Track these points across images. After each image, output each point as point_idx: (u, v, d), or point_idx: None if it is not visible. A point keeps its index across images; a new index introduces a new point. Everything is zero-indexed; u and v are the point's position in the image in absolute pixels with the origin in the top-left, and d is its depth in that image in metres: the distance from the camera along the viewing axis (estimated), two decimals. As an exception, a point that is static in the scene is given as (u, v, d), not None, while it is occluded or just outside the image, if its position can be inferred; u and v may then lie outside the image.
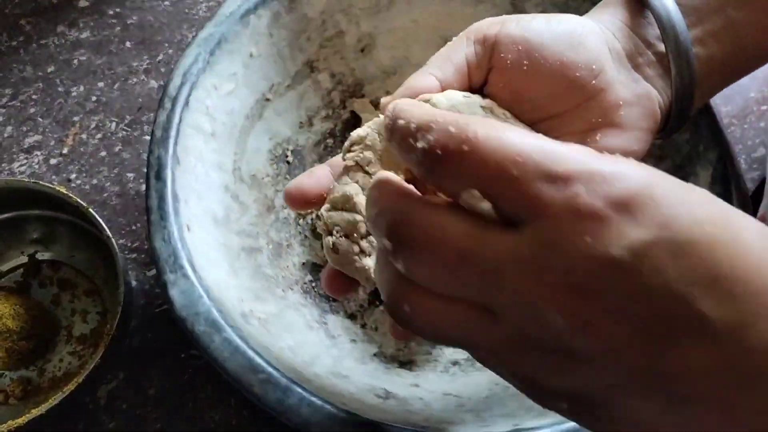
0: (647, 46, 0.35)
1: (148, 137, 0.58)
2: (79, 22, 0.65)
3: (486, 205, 0.20)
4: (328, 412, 0.37)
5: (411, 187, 0.23)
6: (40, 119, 0.60)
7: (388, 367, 0.47)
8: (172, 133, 0.45)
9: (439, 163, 0.21)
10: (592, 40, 0.33)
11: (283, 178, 0.53)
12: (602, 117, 0.33)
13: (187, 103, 0.46)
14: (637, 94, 0.34)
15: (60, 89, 0.61)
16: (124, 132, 0.59)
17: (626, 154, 0.26)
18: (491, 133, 0.20)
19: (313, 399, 0.37)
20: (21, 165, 0.58)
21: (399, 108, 0.23)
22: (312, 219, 0.54)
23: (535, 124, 0.34)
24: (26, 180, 0.49)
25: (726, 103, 0.61)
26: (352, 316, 0.50)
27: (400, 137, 0.22)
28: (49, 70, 0.62)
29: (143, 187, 0.52)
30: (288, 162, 0.54)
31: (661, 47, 0.34)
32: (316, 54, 0.54)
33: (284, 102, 0.53)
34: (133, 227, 0.55)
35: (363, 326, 0.50)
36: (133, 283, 0.53)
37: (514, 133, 0.20)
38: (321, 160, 0.55)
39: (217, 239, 0.46)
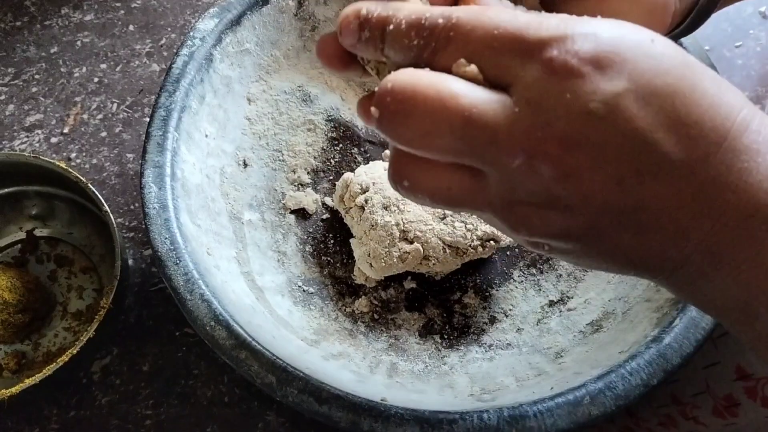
0: None
1: (148, 119, 0.59)
2: (84, 4, 0.65)
3: (473, 68, 0.22)
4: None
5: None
6: (42, 99, 0.61)
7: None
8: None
9: (432, 51, 0.23)
10: None
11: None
12: (622, 4, 0.31)
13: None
14: None
15: (63, 70, 0.62)
16: (124, 113, 0.60)
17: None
18: (471, 14, 0.22)
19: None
20: (21, 143, 0.59)
21: (387, 12, 0.24)
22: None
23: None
24: (27, 155, 0.49)
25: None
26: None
27: (393, 38, 0.24)
28: (52, 50, 0.63)
29: (140, 166, 0.53)
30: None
31: None
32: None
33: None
34: (132, 207, 0.56)
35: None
36: (130, 261, 0.53)
37: (491, 11, 0.22)
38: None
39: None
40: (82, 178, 0.48)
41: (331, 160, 0.56)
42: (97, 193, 0.47)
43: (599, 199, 0.21)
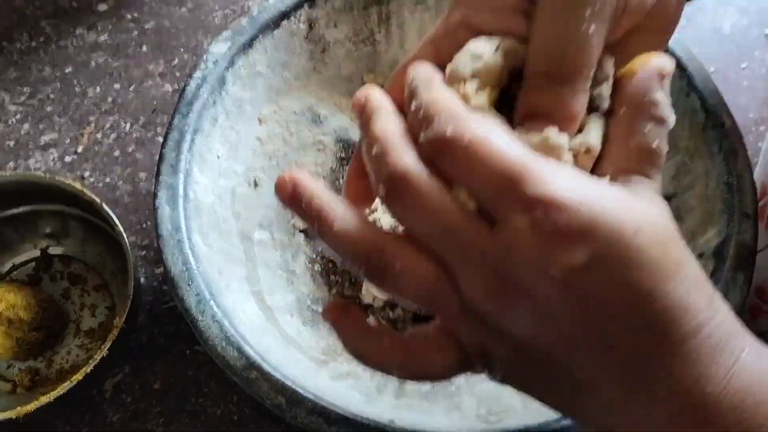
0: None
1: (161, 138, 0.60)
2: (98, 25, 0.66)
3: (472, 205, 0.24)
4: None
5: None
6: (57, 118, 0.62)
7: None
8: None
9: (438, 153, 0.24)
10: None
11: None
12: None
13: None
14: None
15: (77, 89, 0.63)
16: (138, 133, 0.61)
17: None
18: (482, 144, 0.23)
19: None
20: (36, 162, 0.60)
21: (414, 86, 0.26)
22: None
23: None
24: (42, 174, 0.50)
25: (726, 123, 0.62)
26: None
27: (411, 119, 0.25)
28: (67, 70, 0.64)
29: (153, 187, 0.54)
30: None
31: None
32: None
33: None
34: (144, 225, 0.57)
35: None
36: (142, 279, 0.54)
37: (501, 143, 0.23)
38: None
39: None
40: (96, 198, 0.49)
41: (340, 180, 0.57)
42: (110, 212, 0.48)
43: (540, 350, 0.24)
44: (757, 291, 0.48)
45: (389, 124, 0.25)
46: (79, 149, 0.60)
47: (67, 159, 0.60)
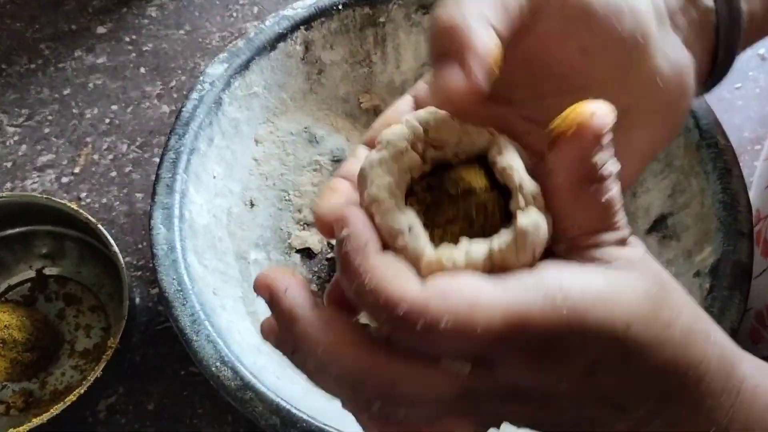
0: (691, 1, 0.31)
1: (157, 159, 0.60)
2: (96, 47, 0.67)
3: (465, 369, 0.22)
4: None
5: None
6: (54, 139, 0.62)
7: None
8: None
9: (423, 336, 0.21)
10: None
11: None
12: (636, 97, 0.29)
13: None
14: (675, 66, 0.30)
15: (75, 111, 0.63)
16: (134, 154, 0.61)
17: (653, 143, 0.29)
18: (475, 311, 0.21)
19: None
20: (33, 183, 0.60)
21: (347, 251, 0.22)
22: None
23: (558, 94, 0.29)
24: (38, 195, 0.50)
25: (721, 142, 0.62)
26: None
27: (351, 295, 0.22)
28: (65, 92, 0.64)
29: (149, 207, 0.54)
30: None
31: (707, 1, 0.32)
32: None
33: (291, 128, 0.55)
34: (140, 246, 0.57)
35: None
36: (137, 300, 0.54)
37: (492, 304, 0.21)
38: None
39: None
40: (92, 219, 0.49)
41: (337, 200, 0.57)
42: (106, 233, 0.48)
43: (548, 423, 0.24)
44: (757, 316, 0.48)
45: (325, 336, 0.23)
46: (76, 170, 0.60)
47: (64, 180, 0.60)
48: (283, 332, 0.24)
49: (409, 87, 0.33)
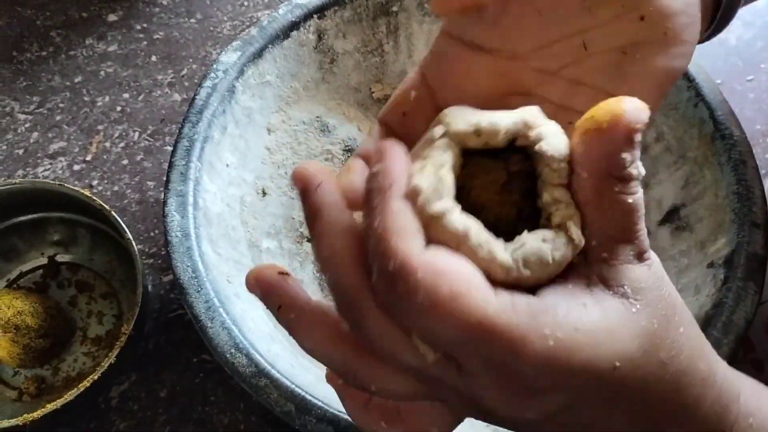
0: None
1: (169, 148, 0.60)
2: (108, 35, 0.67)
3: (430, 356, 0.22)
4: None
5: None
6: (66, 127, 0.62)
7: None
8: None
9: (392, 300, 0.21)
10: None
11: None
12: (645, 30, 0.27)
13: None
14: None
15: (86, 99, 0.63)
16: (146, 142, 0.61)
17: (668, 72, 0.27)
18: (447, 301, 0.20)
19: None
20: (45, 170, 0.60)
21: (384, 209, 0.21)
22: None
23: (565, 38, 0.28)
24: (51, 182, 0.50)
25: (733, 135, 0.62)
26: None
27: (365, 236, 0.22)
28: (76, 80, 0.64)
29: (163, 195, 0.54)
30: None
31: None
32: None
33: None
34: (152, 234, 0.57)
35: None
36: (149, 287, 0.54)
37: (469, 299, 0.20)
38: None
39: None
40: (105, 206, 0.49)
41: (348, 190, 0.57)
42: (120, 220, 0.48)
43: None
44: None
45: (337, 244, 0.22)
46: (88, 158, 0.60)
47: (76, 167, 0.60)
48: (309, 223, 0.23)
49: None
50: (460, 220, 0.21)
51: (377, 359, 0.23)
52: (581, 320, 0.20)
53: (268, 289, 0.24)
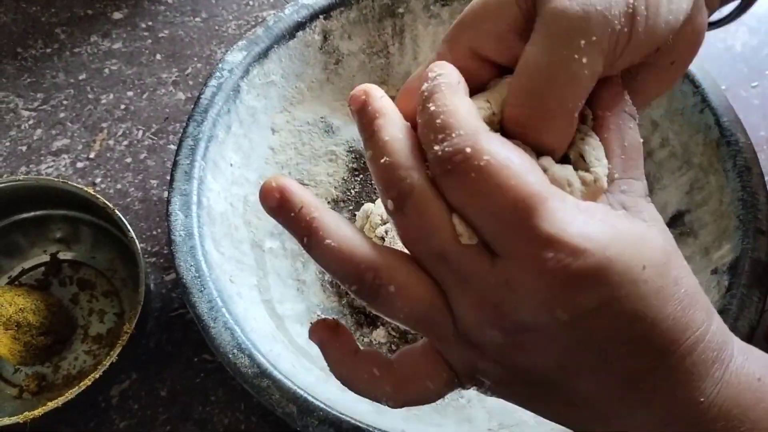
0: None
1: (173, 146, 0.60)
2: (112, 33, 0.67)
3: (473, 240, 0.23)
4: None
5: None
6: (69, 124, 0.62)
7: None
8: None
9: (450, 172, 0.22)
10: None
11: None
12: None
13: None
14: None
15: (90, 96, 0.63)
16: (150, 140, 0.61)
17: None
18: (501, 169, 0.21)
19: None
20: (48, 167, 0.60)
21: (433, 88, 0.24)
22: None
23: None
24: (54, 179, 0.50)
25: (737, 141, 0.62)
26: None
27: (425, 123, 0.23)
28: (80, 77, 0.64)
29: (166, 194, 0.54)
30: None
31: None
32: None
33: (308, 118, 0.55)
34: (154, 232, 0.57)
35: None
36: (151, 286, 0.54)
37: (521, 170, 0.22)
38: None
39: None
40: (108, 203, 0.49)
41: (352, 191, 0.57)
42: (123, 218, 0.48)
43: (537, 373, 0.24)
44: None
45: (397, 133, 0.24)
46: (91, 155, 0.60)
47: (79, 165, 0.60)
48: (367, 126, 0.24)
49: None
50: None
51: (403, 257, 0.24)
52: (618, 222, 0.23)
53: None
